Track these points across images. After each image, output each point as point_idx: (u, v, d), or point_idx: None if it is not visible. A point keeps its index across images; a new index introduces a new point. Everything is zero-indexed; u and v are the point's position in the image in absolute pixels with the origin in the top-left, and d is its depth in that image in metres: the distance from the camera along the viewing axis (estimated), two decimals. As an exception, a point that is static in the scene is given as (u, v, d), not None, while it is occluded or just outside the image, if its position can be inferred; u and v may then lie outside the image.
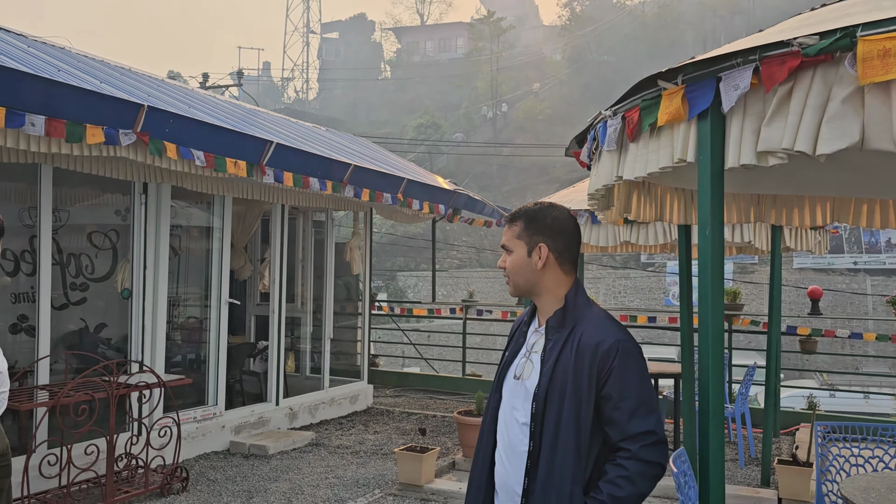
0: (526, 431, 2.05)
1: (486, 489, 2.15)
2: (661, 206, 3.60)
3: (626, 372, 1.99)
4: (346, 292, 10.82)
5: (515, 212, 2.20)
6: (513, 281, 2.15)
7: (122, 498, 5.03)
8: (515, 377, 2.13)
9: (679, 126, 2.31)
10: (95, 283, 8.28)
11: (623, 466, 1.96)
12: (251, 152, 5.78)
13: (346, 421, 8.18)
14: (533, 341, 2.16)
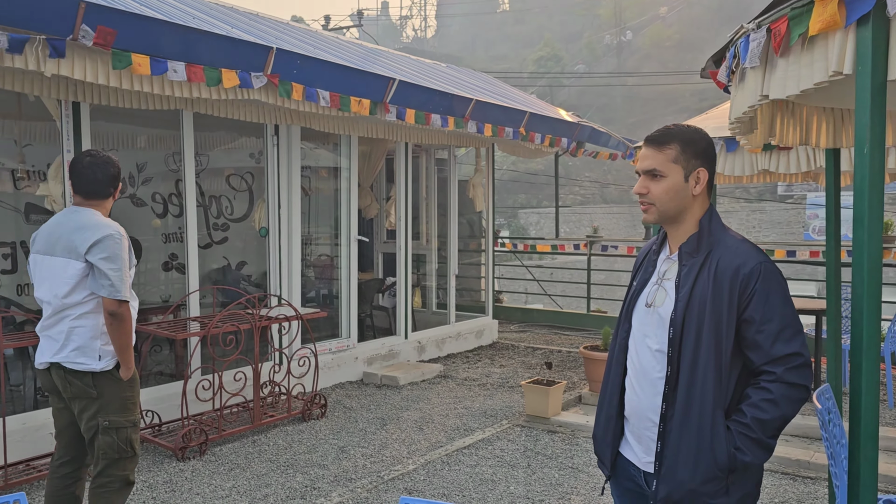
0: (660, 358, 2.03)
1: (616, 417, 2.15)
2: (806, 128, 3.31)
3: (769, 294, 1.95)
4: (470, 229, 10.91)
5: (663, 134, 2.06)
6: (660, 208, 2.04)
7: (268, 421, 5.42)
8: (647, 305, 2.09)
9: (834, 35, 2.08)
10: (235, 224, 8.80)
11: (767, 389, 1.92)
12: (374, 90, 5.85)
13: (471, 355, 8.35)
14: (664, 269, 2.11)
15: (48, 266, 3.18)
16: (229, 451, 4.99)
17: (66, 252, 3.15)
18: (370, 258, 9.70)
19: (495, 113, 7.34)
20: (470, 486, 4.42)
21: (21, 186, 6.44)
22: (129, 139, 7.01)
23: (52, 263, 3.17)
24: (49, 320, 3.19)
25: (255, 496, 4.24)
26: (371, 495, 4.26)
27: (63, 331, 3.14)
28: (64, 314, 3.16)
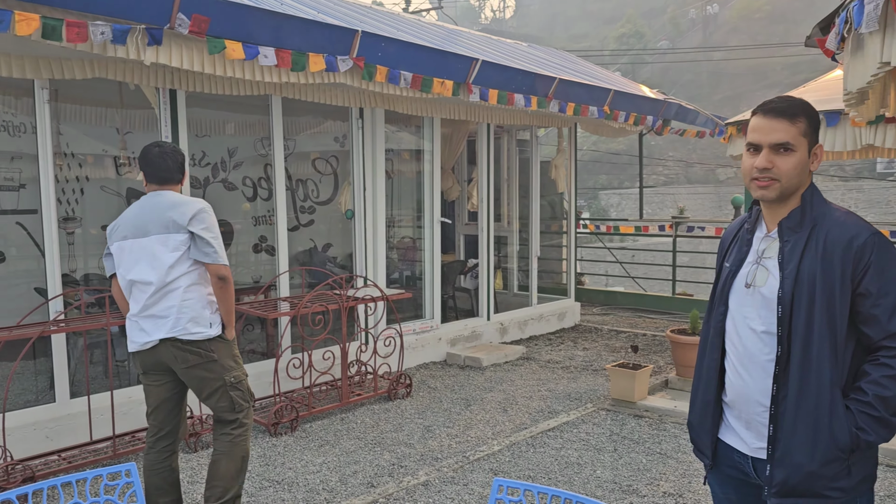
0: (767, 339, 1.94)
1: (714, 403, 2.07)
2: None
3: (884, 267, 1.85)
4: (551, 211, 10.78)
5: (791, 105, 1.93)
6: (784, 184, 1.92)
7: (355, 400, 5.54)
8: (746, 286, 1.99)
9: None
10: (320, 206, 8.98)
11: (888, 365, 1.83)
12: (457, 71, 5.82)
13: (554, 337, 8.28)
14: (763, 247, 2.01)
15: (142, 247, 3.32)
16: (319, 427, 5.13)
17: (164, 228, 3.30)
18: (452, 240, 9.73)
19: (578, 91, 7.19)
20: (556, 468, 4.39)
21: (122, 173, 6.75)
22: (220, 125, 7.25)
23: (146, 243, 3.32)
24: (151, 299, 3.31)
25: (344, 472, 4.34)
26: (457, 475, 4.29)
27: (172, 306, 3.29)
28: (169, 289, 3.30)
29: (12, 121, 6.26)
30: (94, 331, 5.27)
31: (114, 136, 6.60)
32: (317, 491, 4.08)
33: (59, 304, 4.67)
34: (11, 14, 3.50)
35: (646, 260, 17.43)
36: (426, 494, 4.01)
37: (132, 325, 3.39)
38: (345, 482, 4.19)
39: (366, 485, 4.16)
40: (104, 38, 3.82)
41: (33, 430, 4.47)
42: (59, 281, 4.72)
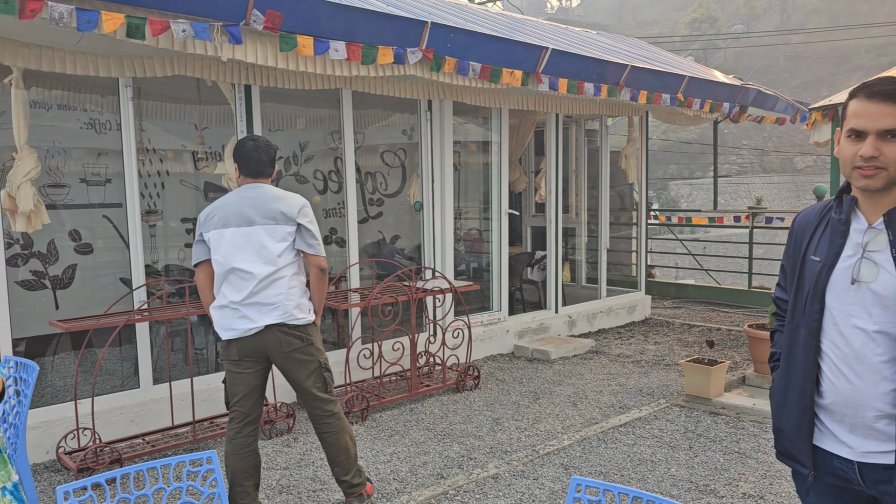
0: (881, 340, 1.80)
1: (810, 407, 1.94)
2: None
3: None
4: (620, 202, 10.57)
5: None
6: (892, 174, 1.78)
7: (424, 391, 5.57)
8: (852, 281, 1.85)
9: None
10: (389, 199, 9.06)
11: None
12: (526, 61, 5.75)
13: (623, 330, 8.13)
14: (866, 240, 1.85)
15: (246, 236, 3.44)
16: (388, 417, 5.18)
17: (271, 219, 3.44)
18: (519, 232, 9.67)
19: (650, 79, 7.01)
20: (628, 465, 4.31)
21: (200, 167, 6.97)
22: (292, 119, 7.39)
23: (251, 233, 3.43)
24: (257, 287, 3.42)
25: (414, 463, 4.37)
26: (527, 468, 4.26)
27: (280, 293, 3.43)
28: (276, 277, 3.44)
29: (98, 118, 6.54)
30: (174, 319, 5.47)
31: (192, 131, 6.81)
32: (388, 481, 4.12)
33: (142, 293, 4.86)
34: (98, 14, 3.64)
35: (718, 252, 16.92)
36: (496, 488, 4.00)
37: (231, 312, 3.45)
38: (415, 473, 4.22)
39: (435, 476, 4.18)
40: (185, 36, 3.93)
41: (119, 414, 4.67)
42: (142, 272, 4.92)
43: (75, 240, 6.72)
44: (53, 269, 6.63)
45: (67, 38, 4.08)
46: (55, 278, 6.58)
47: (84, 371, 5.82)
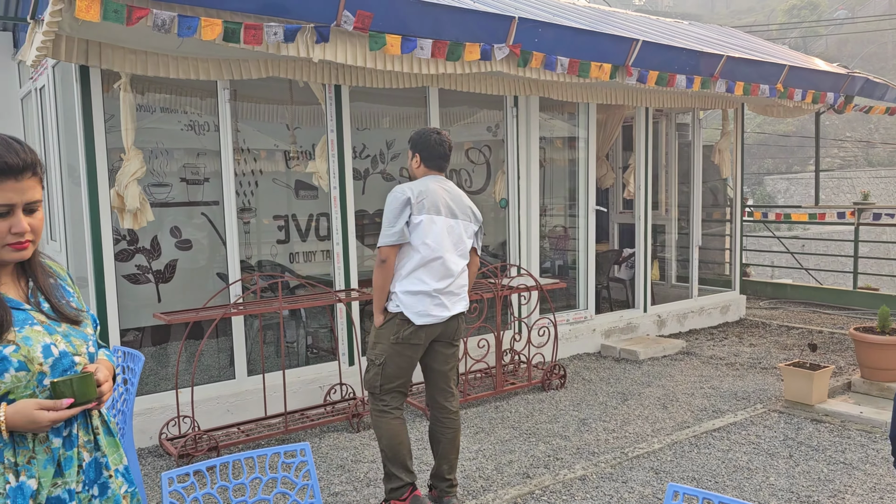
0: None
1: None
2: None
3: None
4: (713, 198, 10.19)
5: None
6: None
7: (509, 389, 5.54)
8: None
9: None
10: (473, 196, 9.04)
11: None
12: (615, 53, 5.61)
13: (716, 331, 7.83)
14: None
15: (451, 227, 3.59)
16: (474, 414, 5.18)
17: (467, 217, 3.66)
18: (605, 229, 9.48)
19: (747, 69, 6.70)
20: (723, 472, 4.15)
21: (292, 166, 7.17)
22: (378, 118, 7.50)
23: (455, 225, 3.60)
24: (454, 277, 3.60)
25: (500, 461, 4.35)
26: (615, 471, 4.17)
27: (464, 285, 3.70)
28: (463, 270, 3.67)
29: (198, 120, 6.83)
30: (267, 313, 5.65)
31: (284, 131, 7.01)
32: (473, 478, 4.12)
33: (238, 288, 5.04)
34: (198, 20, 3.79)
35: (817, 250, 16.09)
36: (583, 489, 3.93)
37: (429, 299, 3.52)
38: (500, 471, 4.21)
39: (521, 475, 4.15)
40: (277, 39, 4.05)
41: (216, 403, 4.87)
42: (238, 267, 5.09)
43: (176, 236, 7.04)
44: (156, 264, 6.98)
45: (169, 43, 4.27)
46: (158, 273, 6.93)
47: (183, 361, 6.10)
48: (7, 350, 1.54)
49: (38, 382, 1.59)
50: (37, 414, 1.54)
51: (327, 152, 5.30)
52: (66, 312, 1.71)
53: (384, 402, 3.60)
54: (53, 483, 1.60)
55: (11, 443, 1.56)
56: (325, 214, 6.92)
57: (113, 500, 1.71)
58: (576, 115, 7.20)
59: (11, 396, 1.56)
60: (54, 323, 1.67)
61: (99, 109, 4.41)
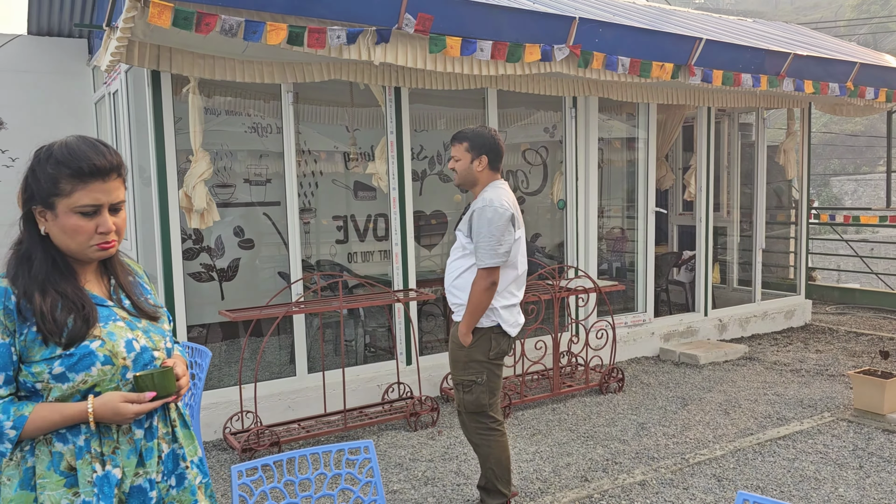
0: None
1: None
2: None
3: None
4: (777, 199, 9.91)
5: None
6: None
7: (566, 391, 5.50)
8: None
9: None
10: (530, 197, 9.02)
11: None
12: (678, 53, 5.52)
13: (780, 337, 7.61)
14: None
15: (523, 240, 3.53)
16: (530, 416, 5.16)
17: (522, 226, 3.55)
18: (664, 231, 9.32)
19: (815, 67, 6.50)
20: (788, 481, 4.03)
21: (351, 167, 7.27)
22: (436, 120, 7.54)
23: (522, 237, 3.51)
24: (522, 290, 3.59)
25: (557, 464, 4.32)
26: (676, 477, 4.10)
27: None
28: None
29: (260, 123, 6.99)
30: (326, 312, 5.74)
31: (343, 133, 7.12)
32: (531, 480, 4.11)
33: (299, 287, 5.14)
34: (264, 25, 3.89)
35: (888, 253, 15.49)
36: (643, 495, 3.88)
37: (517, 311, 3.52)
38: (558, 474, 4.18)
39: (579, 478, 4.11)
40: (339, 42, 4.12)
41: (278, 399, 4.98)
42: (299, 266, 5.20)
43: (239, 236, 7.22)
44: (220, 263, 7.17)
45: (235, 48, 4.39)
46: (221, 271, 7.12)
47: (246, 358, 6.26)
48: (94, 345, 1.61)
49: (121, 376, 1.66)
50: (122, 406, 1.61)
51: (387, 154, 5.36)
52: (145, 309, 1.78)
53: (492, 420, 3.49)
54: (136, 473, 1.67)
55: (97, 433, 1.63)
56: (382, 215, 7.00)
57: (189, 491, 1.77)
58: (635, 116, 7.10)
59: (97, 389, 1.63)
60: (135, 319, 1.74)
61: (169, 112, 4.57)
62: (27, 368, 1.58)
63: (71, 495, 1.58)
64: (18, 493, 1.57)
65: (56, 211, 1.61)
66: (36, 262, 1.61)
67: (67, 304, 1.61)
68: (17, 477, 1.58)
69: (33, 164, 1.63)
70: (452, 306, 3.52)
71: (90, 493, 1.59)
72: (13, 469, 1.59)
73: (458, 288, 3.45)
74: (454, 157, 3.48)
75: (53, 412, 1.58)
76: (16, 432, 1.54)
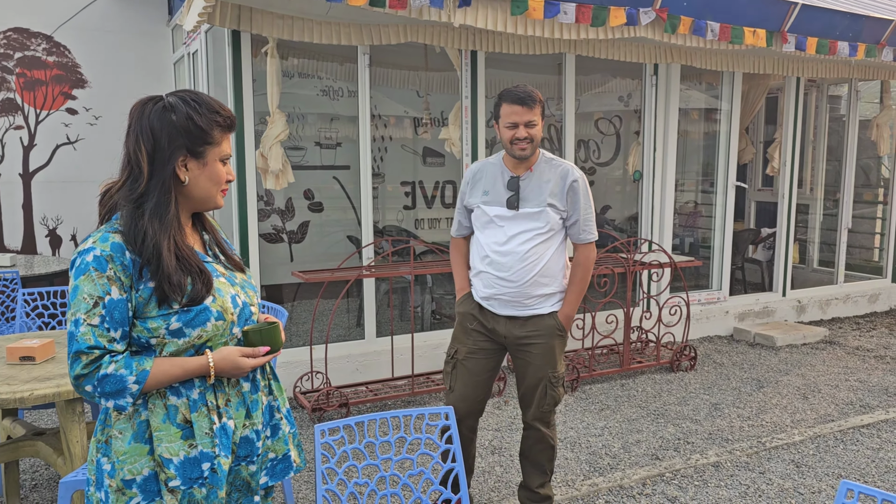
0: None
1: None
2: None
3: None
4: (865, 177, 9.41)
5: None
6: None
7: (636, 367, 5.38)
8: None
9: None
10: (601, 168, 8.80)
11: None
12: (771, 17, 5.22)
13: (863, 321, 7.27)
14: None
15: None
16: (599, 391, 5.08)
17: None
18: (741, 207, 8.99)
19: (920, 36, 6.07)
20: (873, 471, 3.85)
21: (420, 133, 7.22)
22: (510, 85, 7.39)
23: None
24: None
25: (627, 440, 4.24)
26: (752, 460, 3.96)
27: None
28: None
29: (332, 86, 6.99)
30: (395, 278, 5.75)
31: (413, 98, 7.06)
32: (600, 455, 4.04)
33: (369, 251, 5.15)
34: (346, -15, 3.83)
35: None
36: (717, 476, 3.77)
37: None
38: (628, 450, 4.10)
39: (650, 456, 4.02)
40: (421, 3, 4.03)
41: (346, 361, 5.03)
42: (371, 231, 5.19)
43: (309, 199, 7.28)
44: (290, 225, 7.26)
45: (316, 8, 4.36)
46: (291, 233, 7.21)
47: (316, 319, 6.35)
48: (207, 301, 1.62)
49: (229, 331, 1.66)
50: (241, 360, 1.64)
51: (461, 119, 5.27)
52: (238, 262, 1.78)
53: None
54: (244, 424, 1.69)
55: (212, 387, 1.65)
56: (450, 182, 6.94)
57: (283, 441, 1.80)
58: (718, 85, 6.80)
59: (209, 344, 1.64)
60: (231, 274, 1.74)
61: (248, 73, 4.58)
62: (142, 324, 1.58)
63: (187, 447, 1.60)
64: (133, 445, 1.59)
65: (206, 159, 1.65)
66: (168, 217, 1.59)
67: (186, 265, 1.60)
68: (130, 430, 1.60)
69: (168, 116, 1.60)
70: (532, 300, 2.98)
71: (208, 444, 1.61)
72: (125, 422, 1.61)
73: (546, 276, 2.97)
74: (531, 122, 2.86)
75: (174, 366, 1.59)
76: (138, 387, 1.55)
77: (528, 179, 2.98)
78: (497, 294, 3.01)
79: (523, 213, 2.95)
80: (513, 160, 3.00)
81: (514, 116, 2.87)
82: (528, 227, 2.95)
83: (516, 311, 3.02)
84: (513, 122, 2.88)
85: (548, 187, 2.97)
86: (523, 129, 2.87)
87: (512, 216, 2.96)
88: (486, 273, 3.03)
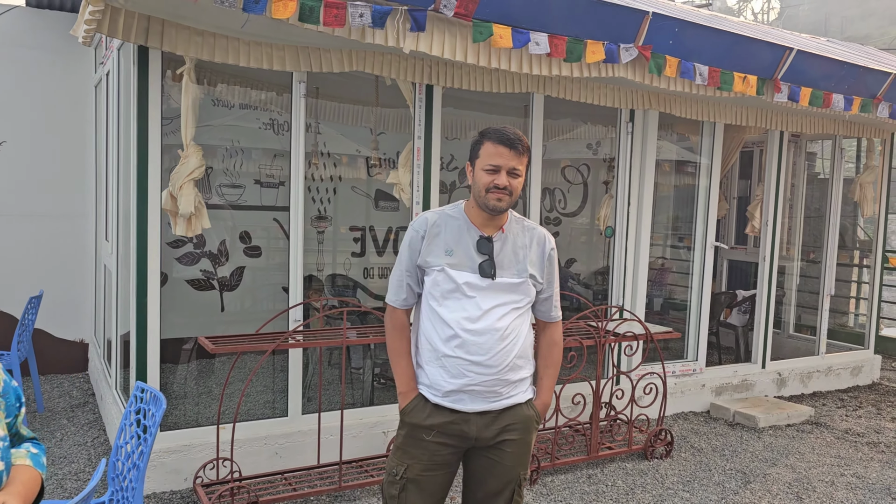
0: None
1: None
2: None
3: None
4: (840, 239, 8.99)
5: None
6: None
7: (605, 454, 4.66)
8: None
9: None
10: (566, 218, 8.19)
11: None
12: (763, 64, 4.69)
13: (846, 397, 6.68)
14: None
15: None
16: (562, 484, 4.33)
17: None
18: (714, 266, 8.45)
19: (913, 93, 5.62)
20: None
21: (373, 174, 6.53)
22: (469, 128, 6.77)
23: None
24: None
25: (596, 556, 3.49)
26: (747, 589, 3.24)
27: None
28: None
29: (277, 119, 6.27)
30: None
31: (367, 136, 6.39)
32: (563, 579, 3.28)
33: (297, 313, 4.36)
34: (269, -6, 3.14)
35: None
36: None
37: None
38: (597, 572, 3.35)
39: (624, 581, 3.28)
40: (363, 22, 3.36)
41: (264, 444, 4.18)
42: (300, 286, 4.39)
43: (245, 242, 6.50)
44: (222, 270, 6.45)
45: (235, 22, 3.66)
46: (223, 280, 6.40)
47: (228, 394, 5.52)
48: None
49: None
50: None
51: (412, 162, 4.58)
52: None
53: None
54: None
55: None
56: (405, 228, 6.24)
57: None
58: (695, 137, 6.27)
59: None
60: None
61: (156, 97, 3.82)
62: None
63: None
64: None
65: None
66: None
67: None
68: None
69: None
70: (508, 388, 2.40)
71: None
72: None
73: (521, 357, 2.43)
74: (515, 171, 2.33)
75: None
76: None
77: (502, 242, 2.43)
78: (469, 385, 2.36)
79: (501, 282, 2.39)
80: (481, 215, 2.41)
81: (497, 159, 2.32)
82: (505, 300, 2.40)
83: (489, 405, 2.40)
84: (495, 164, 2.32)
85: (525, 254, 2.45)
86: (505, 177, 2.32)
87: (487, 286, 2.38)
88: (455, 359, 2.35)
